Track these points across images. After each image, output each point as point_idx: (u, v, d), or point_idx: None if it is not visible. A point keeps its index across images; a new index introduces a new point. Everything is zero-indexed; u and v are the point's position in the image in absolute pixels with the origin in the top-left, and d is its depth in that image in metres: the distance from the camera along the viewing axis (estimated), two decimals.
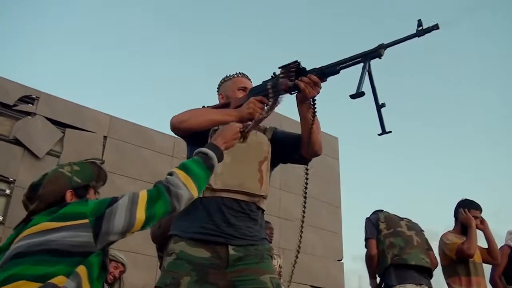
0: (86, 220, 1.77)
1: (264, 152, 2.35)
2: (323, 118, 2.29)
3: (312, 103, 2.24)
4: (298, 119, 2.35)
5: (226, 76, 2.59)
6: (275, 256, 5.18)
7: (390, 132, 2.16)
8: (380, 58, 2.09)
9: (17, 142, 8.36)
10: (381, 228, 4.10)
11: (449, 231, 4.32)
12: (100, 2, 19.78)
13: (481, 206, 4.26)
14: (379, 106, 2.14)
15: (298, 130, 2.42)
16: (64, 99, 9.25)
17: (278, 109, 2.36)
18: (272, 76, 2.31)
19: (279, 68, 2.26)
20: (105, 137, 9.48)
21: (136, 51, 21.60)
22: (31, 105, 8.68)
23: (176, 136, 2.41)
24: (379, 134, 2.17)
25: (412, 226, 4.15)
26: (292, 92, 2.27)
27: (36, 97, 8.77)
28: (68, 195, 2.01)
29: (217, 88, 2.60)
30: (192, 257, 2.14)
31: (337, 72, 2.17)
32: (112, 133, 9.59)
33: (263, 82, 2.37)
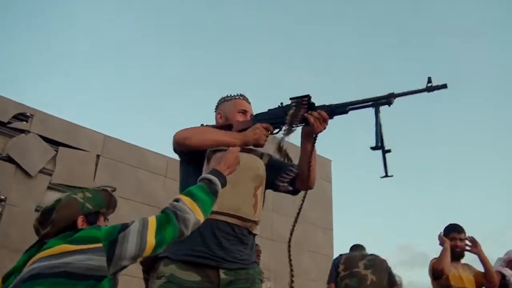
0: (100, 244, 1.79)
1: (260, 177, 2.35)
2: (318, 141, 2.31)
3: (315, 138, 2.29)
4: (297, 144, 2.36)
5: (227, 96, 2.58)
6: (264, 279, 5.16)
7: (391, 176, 2.23)
8: (389, 106, 2.15)
9: (9, 159, 8.31)
10: (340, 271, 4.39)
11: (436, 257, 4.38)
12: (95, 20, 19.86)
13: (463, 228, 4.40)
14: (384, 152, 2.19)
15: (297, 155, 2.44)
16: (59, 117, 9.23)
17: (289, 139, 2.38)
18: (279, 105, 2.35)
19: (290, 99, 2.29)
20: (98, 156, 9.43)
21: (132, 70, 21.66)
22: (25, 122, 8.65)
23: (170, 156, 2.42)
24: (382, 177, 2.24)
25: (372, 264, 4.31)
26: (299, 125, 2.30)
27: (31, 114, 8.74)
28: (80, 220, 2.05)
29: (216, 106, 2.60)
30: (182, 280, 2.11)
31: (346, 112, 2.24)
32: (105, 152, 9.55)
33: (268, 110, 2.39)
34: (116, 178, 9.47)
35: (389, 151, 2.19)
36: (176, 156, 2.42)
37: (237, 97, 2.56)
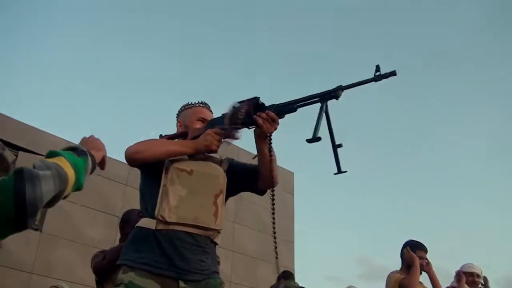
0: None
1: (220, 185, 2.33)
2: (279, 152, 2.32)
3: (268, 138, 2.27)
4: (255, 152, 2.36)
5: (187, 104, 2.57)
6: None
7: (345, 172, 2.20)
8: (337, 100, 2.14)
9: None
10: None
11: (395, 271, 4.34)
12: (58, 25, 19.57)
13: (427, 247, 4.36)
14: (335, 146, 2.18)
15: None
16: (20, 121, 9.04)
17: (236, 142, 2.38)
18: (231, 109, 2.34)
19: (238, 102, 2.29)
20: None
21: (96, 75, 21.39)
22: None
23: None
24: (335, 174, 2.21)
25: None
26: (250, 127, 2.29)
27: None
28: None
29: (177, 115, 2.58)
30: None
31: (294, 110, 2.22)
32: None
33: (222, 114, 2.38)
34: None
35: (340, 145, 2.17)
36: None
37: (197, 104, 2.55)
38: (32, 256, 8.49)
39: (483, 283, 4.78)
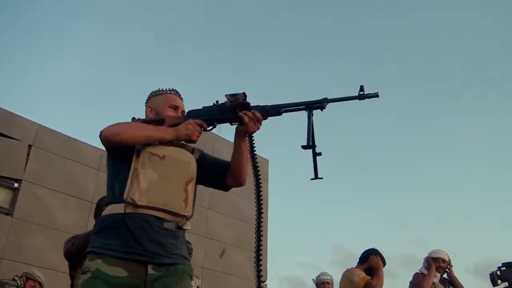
0: None
1: (191, 172, 2.32)
2: (256, 140, 2.33)
3: (250, 137, 2.31)
4: (231, 140, 2.37)
5: (158, 90, 2.54)
6: (193, 277, 5.18)
7: (321, 178, 2.31)
8: (322, 110, 2.24)
9: None
10: None
11: (356, 267, 4.72)
12: (31, 8, 19.19)
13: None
14: (315, 154, 2.27)
15: (230, 151, 2.43)
16: None
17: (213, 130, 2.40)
18: (214, 103, 2.35)
19: (226, 95, 2.29)
20: (30, 146, 9.14)
21: (68, 59, 21.06)
22: None
23: (103, 149, 2.34)
24: (312, 179, 2.31)
25: None
26: (233, 123, 2.31)
27: None
28: None
29: (146, 100, 2.54)
30: (108, 276, 2.05)
31: (280, 114, 2.28)
32: (37, 142, 9.26)
33: (203, 107, 2.38)
34: (47, 170, 9.20)
35: (319, 154, 2.27)
36: None
37: (168, 91, 2.52)
38: (3, 240, 8.40)
39: (449, 268, 4.98)
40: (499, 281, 4.78)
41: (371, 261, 4.70)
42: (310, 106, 2.23)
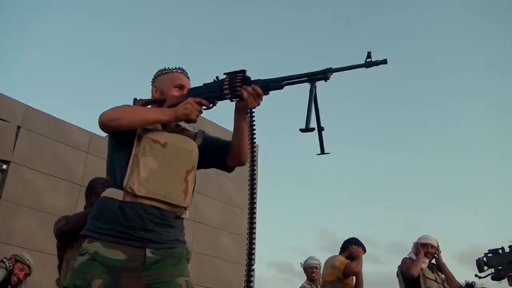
0: None
1: (193, 161, 2.28)
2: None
3: (250, 114, 2.26)
4: (220, 124, 2.34)
5: (164, 69, 2.47)
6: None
7: (328, 153, 2.22)
8: (326, 81, 2.12)
9: None
10: None
11: (338, 255, 5.14)
12: None
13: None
14: (320, 129, 2.19)
15: (219, 135, 2.41)
16: None
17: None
18: (214, 80, 2.29)
19: (225, 74, 2.24)
20: (18, 128, 9.06)
21: (60, 41, 20.86)
22: None
23: (94, 132, 2.31)
24: (318, 154, 2.23)
25: None
26: (233, 100, 2.26)
27: None
28: None
29: (152, 79, 2.48)
30: (107, 258, 2.04)
31: (281, 87, 2.19)
32: (26, 123, 9.18)
33: (203, 84, 2.33)
34: (36, 152, 9.14)
35: (322, 128, 2.19)
36: (101, 132, 2.31)
37: (174, 70, 2.44)
38: None
39: (437, 254, 5.07)
40: (485, 267, 4.83)
41: (351, 250, 5.09)
42: (313, 77, 2.12)
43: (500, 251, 4.83)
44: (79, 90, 21.62)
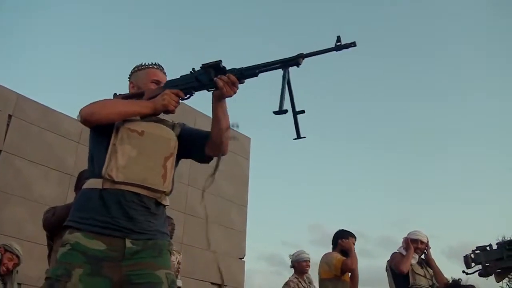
0: None
1: (171, 148, 2.31)
2: (237, 117, 2.31)
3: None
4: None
5: (140, 65, 2.52)
6: (174, 252, 5.18)
7: (304, 137, 2.24)
8: (298, 67, 2.17)
9: None
10: None
11: (333, 252, 5.19)
12: None
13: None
14: (295, 112, 2.21)
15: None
16: None
17: (194, 105, 2.36)
18: (191, 71, 2.32)
19: (202, 65, 2.28)
20: (10, 116, 9.02)
21: (52, 31, 20.75)
22: None
23: None
24: (294, 139, 2.24)
25: None
26: (210, 89, 2.29)
27: None
28: None
29: (129, 76, 2.53)
30: (87, 248, 2.06)
31: (256, 75, 2.23)
32: (18, 112, 9.14)
33: (180, 76, 2.36)
34: (27, 141, 9.11)
35: (302, 111, 2.21)
36: None
37: (150, 66, 2.50)
38: None
39: (427, 250, 5.13)
40: (472, 264, 4.87)
41: (341, 245, 5.17)
42: (286, 63, 2.17)
43: (487, 248, 4.88)
44: (71, 80, 21.51)
